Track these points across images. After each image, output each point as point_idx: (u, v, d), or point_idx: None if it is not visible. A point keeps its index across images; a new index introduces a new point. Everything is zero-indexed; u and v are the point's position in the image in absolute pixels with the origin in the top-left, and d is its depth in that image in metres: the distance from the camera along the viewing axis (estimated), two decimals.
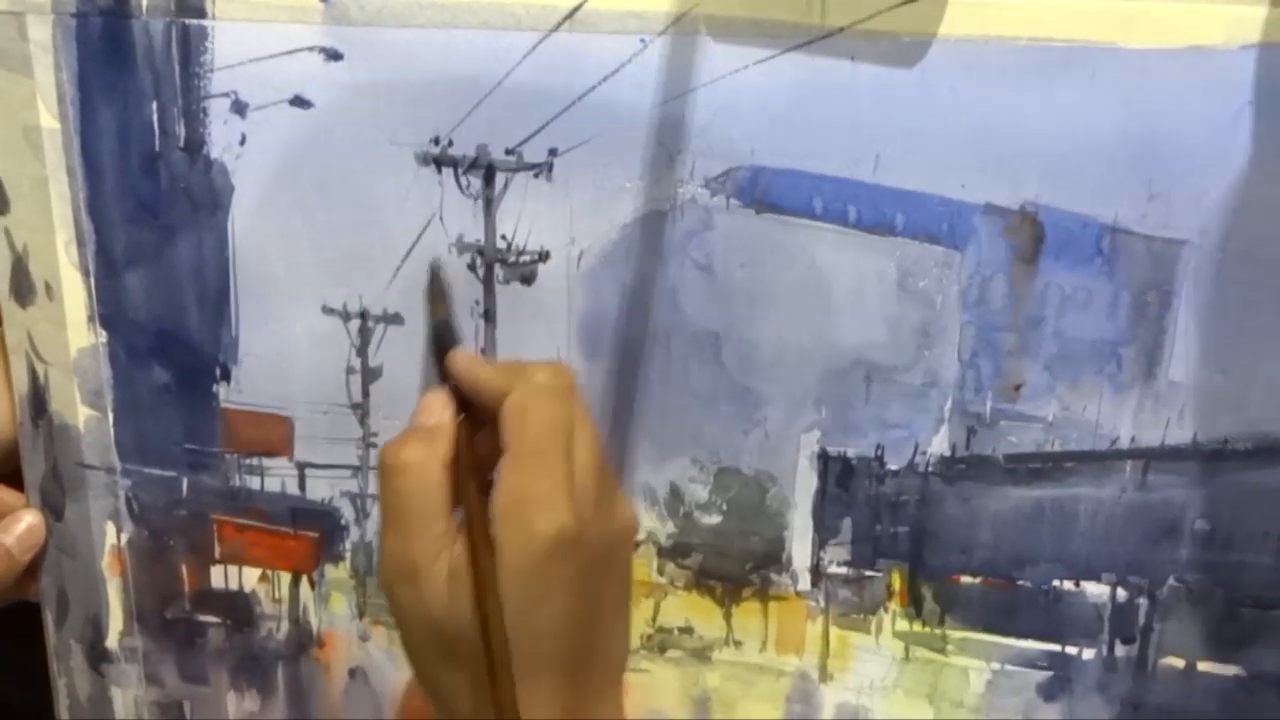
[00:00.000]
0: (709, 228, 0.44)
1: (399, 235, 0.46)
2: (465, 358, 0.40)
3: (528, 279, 0.46)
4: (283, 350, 0.49)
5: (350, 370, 0.49)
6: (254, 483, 0.51)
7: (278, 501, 0.51)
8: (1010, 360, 0.44)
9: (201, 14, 0.44)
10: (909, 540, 0.47)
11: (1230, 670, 0.45)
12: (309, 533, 0.51)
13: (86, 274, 0.49)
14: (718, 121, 0.43)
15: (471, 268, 0.46)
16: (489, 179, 0.45)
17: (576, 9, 0.42)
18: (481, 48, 0.43)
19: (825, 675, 0.49)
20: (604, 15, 0.42)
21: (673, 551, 0.49)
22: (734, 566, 0.48)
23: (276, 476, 0.51)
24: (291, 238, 0.47)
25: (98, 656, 0.54)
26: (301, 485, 0.51)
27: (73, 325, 0.49)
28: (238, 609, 0.53)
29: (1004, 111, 0.41)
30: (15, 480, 0.53)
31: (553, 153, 0.44)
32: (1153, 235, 0.41)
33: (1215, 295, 0.42)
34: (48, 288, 0.49)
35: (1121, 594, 0.45)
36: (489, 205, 0.45)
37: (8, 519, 0.51)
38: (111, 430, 0.51)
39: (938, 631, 0.47)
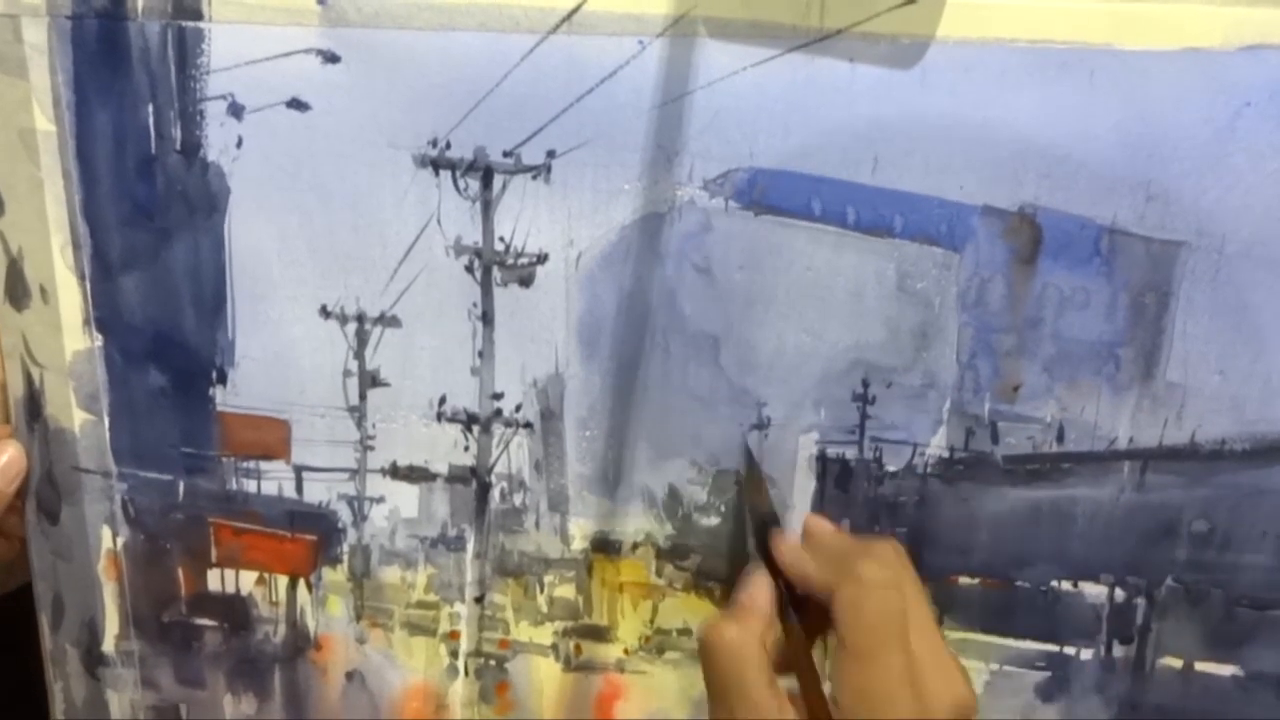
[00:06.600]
0: (707, 230, 0.44)
1: (396, 238, 0.46)
2: (791, 550, 0.41)
3: (526, 281, 0.46)
4: (280, 353, 0.49)
5: (347, 373, 0.48)
6: (251, 486, 0.51)
7: (275, 505, 0.51)
8: (1008, 361, 0.44)
9: (198, 16, 0.44)
10: (907, 541, 0.46)
11: (1228, 670, 0.46)
12: (306, 536, 0.51)
13: (82, 277, 0.48)
14: (716, 123, 0.43)
15: (469, 270, 0.46)
16: (487, 181, 0.45)
17: (574, 11, 0.42)
18: (479, 50, 0.43)
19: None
20: (602, 17, 0.42)
21: (671, 553, 0.48)
22: (733, 568, 0.48)
23: (273, 479, 0.50)
24: (288, 240, 0.47)
25: (94, 660, 0.54)
26: (299, 488, 0.50)
27: (68, 328, 0.49)
28: (234, 612, 0.53)
29: (1002, 113, 0.41)
30: None
31: (551, 155, 0.44)
32: (1151, 236, 0.42)
33: (1213, 296, 0.42)
34: (43, 291, 0.49)
35: (1119, 594, 0.46)
36: (487, 207, 0.45)
37: None
38: (107, 434, 0.51)
39: None
